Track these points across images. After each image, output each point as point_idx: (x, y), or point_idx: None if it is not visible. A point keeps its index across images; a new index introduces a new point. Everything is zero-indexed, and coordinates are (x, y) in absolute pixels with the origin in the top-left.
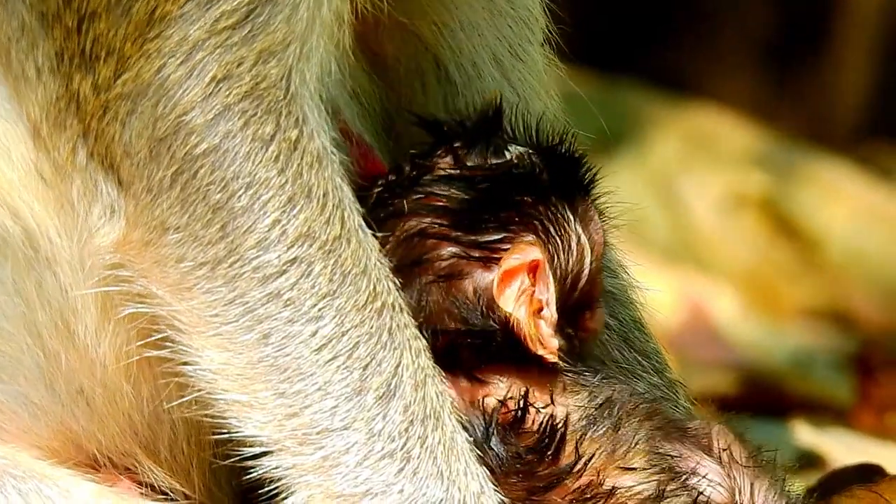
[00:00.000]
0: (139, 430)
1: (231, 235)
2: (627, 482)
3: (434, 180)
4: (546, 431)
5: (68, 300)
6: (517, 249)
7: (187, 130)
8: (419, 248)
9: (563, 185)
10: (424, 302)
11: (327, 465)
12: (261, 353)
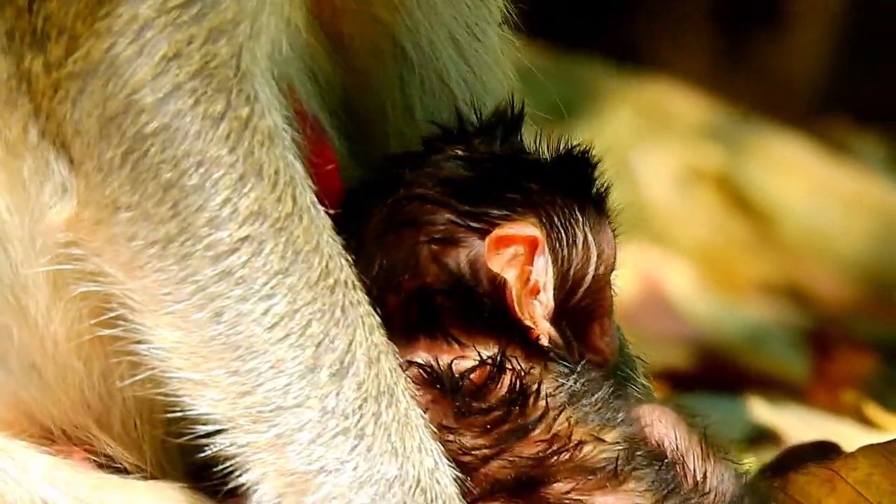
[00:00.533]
0: (92, 404)
1: (182, 214)
2: (595, 444)
3: (443, 159)
4: (516, 391)
5: (19, 277)
6: (518, 223)
7: (137, 109)
8: (416, 211)
9: (577, 187)
10: (412, 262)
11: (281, 442)
12: (213, 331)
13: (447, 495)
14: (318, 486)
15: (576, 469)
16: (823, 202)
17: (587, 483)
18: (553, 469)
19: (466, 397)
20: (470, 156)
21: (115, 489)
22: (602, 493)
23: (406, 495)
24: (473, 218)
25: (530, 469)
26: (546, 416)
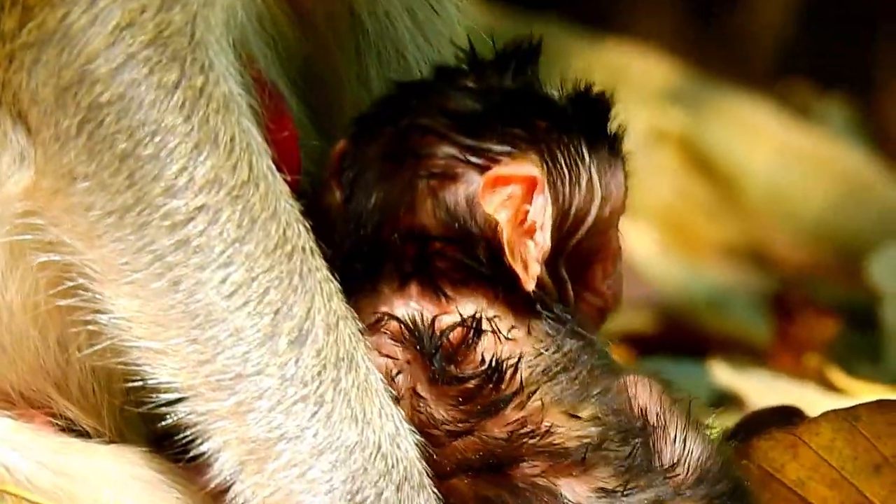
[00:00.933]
0: (49, 371)
1: (138, 183)
2: (568, 425)
3: (451, 89)
4: (493, 363)
5: None
6: (516, 161)
7: (92, 79)
8: (417, 142)
9: (588, 125)
10: (409, 196)
11: (241, 410)
12: (172, 300)
13: (409, 460)
14: (279, 454)
15: (546, 452)
16: (786, 165)
17: (556, 466)
18: (522, 450)
19: (443, 360)
20: (479, 88)
21: (77, 453)
22: (568, 477)
23: (367, 461)
24: (474, 153)
25: (499, 449)
26: (520, 394)
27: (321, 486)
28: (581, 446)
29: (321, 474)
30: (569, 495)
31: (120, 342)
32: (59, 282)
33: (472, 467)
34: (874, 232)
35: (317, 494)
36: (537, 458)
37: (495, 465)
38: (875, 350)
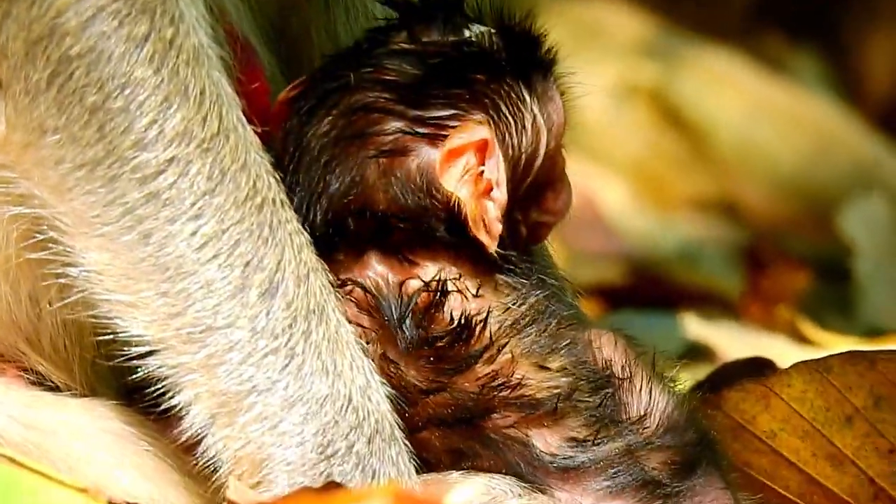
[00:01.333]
0: (21, 325)
1: (109, 136)
2: (538, 376)
3: (386, 54)
4: (462, 320)
5: None
6: (464, 128)
7: (61, 32)
8: (362, 122)
9: (520, 63)
10: (359, 179)
11: (212, 363)
12: (143, 252)
13: (380, 413)
14: (250, 406)
15: (517, 404)
16: (758, 118)
17: (527, 417)
18: (494, 403)
19: (413, 326)
20: (413, 49)
21: (48, 406)
22: (540, 428)
23: (338, 414)
24: (421, 123)
25: (471, 403)
26: (490, 348)
27: (292, 438)
28: (552, 397)
29: (292, 427)
30: (540, 445)
31: (91, 295)
32: (29, 235)
33: (444, 421)
34: (845, 184)
35: (288, 447)
36: (509, 409)
37: (467, 418)
38: (846, 302)
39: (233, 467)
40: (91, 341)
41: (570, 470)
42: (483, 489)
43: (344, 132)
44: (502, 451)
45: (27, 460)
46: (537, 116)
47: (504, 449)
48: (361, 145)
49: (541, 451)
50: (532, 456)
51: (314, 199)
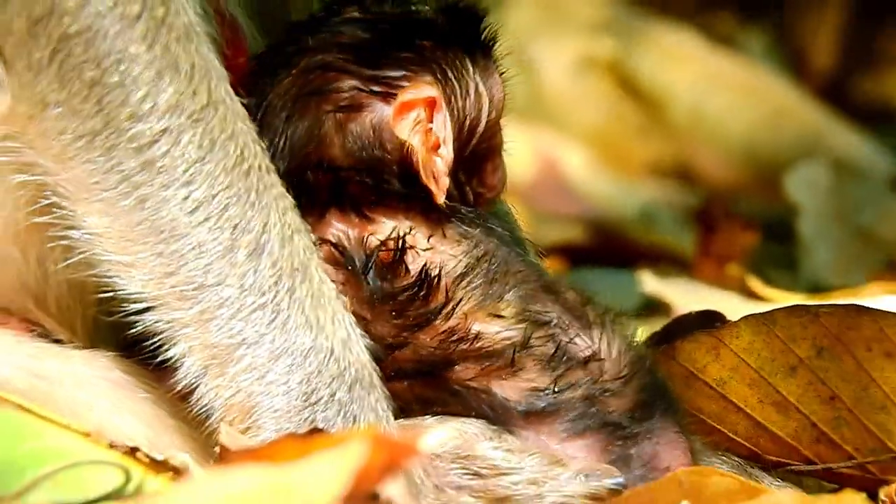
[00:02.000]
0: (29, 286)
1: (106, 109)
2: (493, 328)
3: (341, 22)
4: (421, 275)
5: None
6: (415, 86)
7: (61, 12)
8: (320, 80)
9: (464, 38)
10: (318, 133)
11: (204, 318)
12: (139, 216)
13: (360, 363)
14: (240, 358)
15: (476, 356)
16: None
17: (487, 369)
18: (454, 356)
19: (377, 278)
20: (365, 17)
21: (53, 358)
22: (500, 379)
23: (321, 365)
24: (375, 82)
25: (433, 357)
26: (447, 305)
27: (278, 387)
28: (508, 347)
29: (278, 377)
30: (503, 394)
31: (92, 256)
32: (35, 200)
33: (410, 374)
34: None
35: (274, 395)
36: (469, 362)
37: (431, 371)
38: (791, 260)
39: (224, 414)
40: (93, 299)
41: (533, 414)
42: (455, 433)
43: (303, 89)
44: (468, 400)
45: (34, 407)
46: (479, 85)
47: (470, 397)
48: (319, 101)
49: (504, 398)
50: (496, 403)
51: (276, 153)
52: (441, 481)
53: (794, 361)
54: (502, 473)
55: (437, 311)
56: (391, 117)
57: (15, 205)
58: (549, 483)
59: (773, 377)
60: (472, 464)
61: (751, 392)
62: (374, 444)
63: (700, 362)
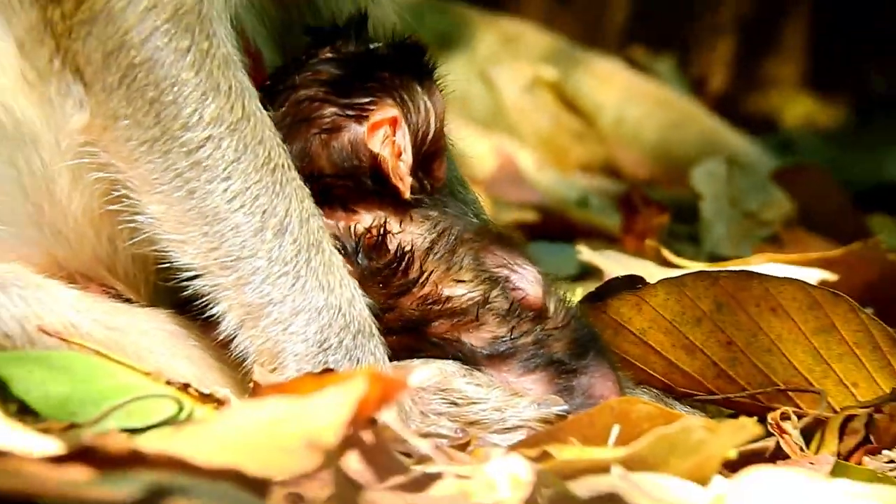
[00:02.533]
0: (102, 259)
1: (163, 121)
2: (459, 291)
3: (318, 62)
4: (398, 252)
5: (48, 171)
6: (381, 109)
7: (128, 46)
8: (307, 110)
9: (412, 67)
10: (308, 151)
11: (240, 283)
12: (189, 204)
13: (362, 318)
14: (268, 314)
15: (447, 314)
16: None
17: (457, 324)
18: (430, 316)
19: (365, 258)
20: (337, 57)
21: (122, 313)
22: (468, 331)
23: (331, 318)
24: (349, 108)
25: (413, 317)
26: (421, 277)
27: (298, 336)
28: (472, 306)
29: (298, 328)
30: (470, 342)
31: (153, 235)
32: (108, 192)
33: (397, 331)
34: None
35: (295, 343)
36: (442, 319)
37: (412, 328)
38: (695, 236)
39: (256, 358)
40: (153, 268)
41: (495, 356)
42: (436, 371)
43: (295, 118)
44: (444, 348)
45: (108, 352)
46: (427, 103)
47: (445, 346)
48: (308, 127)
49: (472, 346)
50: (466, 350)
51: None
52: (425, 409)
53: (699, 314)
54: (473, 402)
55: (413, 281)
56: (365, 134)
57: (91, 196)
58: (509, 410)
59: (683, 327)
60: (450, 395)
61: (666, 338)
62: (373, 380)
63: (626, 315)
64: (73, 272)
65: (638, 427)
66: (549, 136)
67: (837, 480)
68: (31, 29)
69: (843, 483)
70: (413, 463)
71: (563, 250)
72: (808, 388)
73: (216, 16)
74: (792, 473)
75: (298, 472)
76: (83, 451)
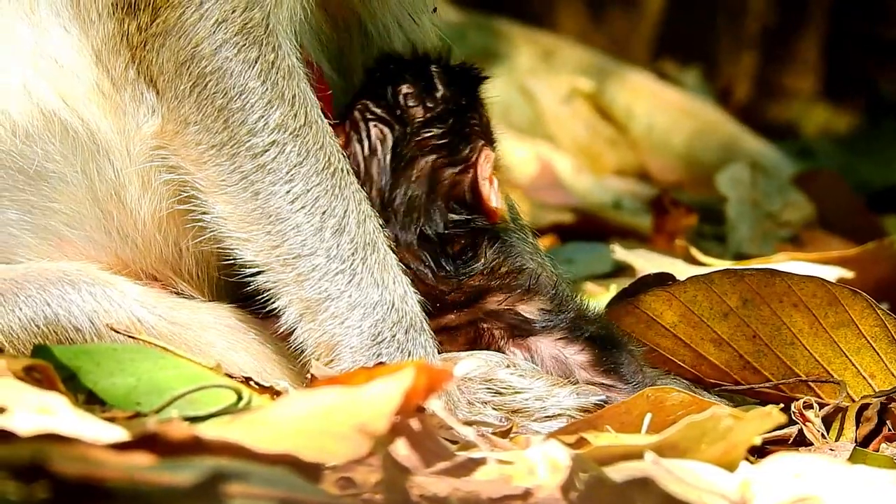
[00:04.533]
0: (168, 260)
1: (231, 127)
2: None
3: (419, 126)
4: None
5: (119, 178)
6: (483, 156)
7: (199, 56)
8: (433, 178)
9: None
10: (438, 213)
11: (300, 279)
12: (253, 205)
13: (413, 313)
14: (326, 308)
15: (505, 286)
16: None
17: (512, 296)
18: (490, 289)
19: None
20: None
21: (186, 308)
22: (521, 302)
23: (385, 313)
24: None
25: (475, 291)
26: (486, 260)
27: (354, 330)
28: (526, 279)
29: (354, 322)
30: (524, 312)
31: (219, 234)
32: (177, 193)
33: (461, 304)
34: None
35: (351, 336)
36: (501, 291)
37: (475, 300)
38: (721, 236)
39: (314, 350)
40: (218, 265)
41: (546, 327)
42: (481, 362)
43: (424, 188)
44: (502, 317)
45: (172, 346)
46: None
47: (503, 315)
48: (435, 192)
49: (525, 316)
50: (521, 318)
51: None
52: (471, 398)
53: (726, 309)
54: (517, 392)
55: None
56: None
57: (160, 202)
58: (550, 399)
59: (710, 321)
60: (494, 385)
61: (694, 332)
62: (420, 371)
63: (657, 310)
64: (139, 272)
65: (672, 414)
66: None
67: (857, 466)
68: (108, 39)
69: (861, 469)
70: (458, 449)
71: (598, 249)
72: (828, 379)
73: (281, 30)
74: (814, 459)
75: (350, 458)
76: (147, 438)
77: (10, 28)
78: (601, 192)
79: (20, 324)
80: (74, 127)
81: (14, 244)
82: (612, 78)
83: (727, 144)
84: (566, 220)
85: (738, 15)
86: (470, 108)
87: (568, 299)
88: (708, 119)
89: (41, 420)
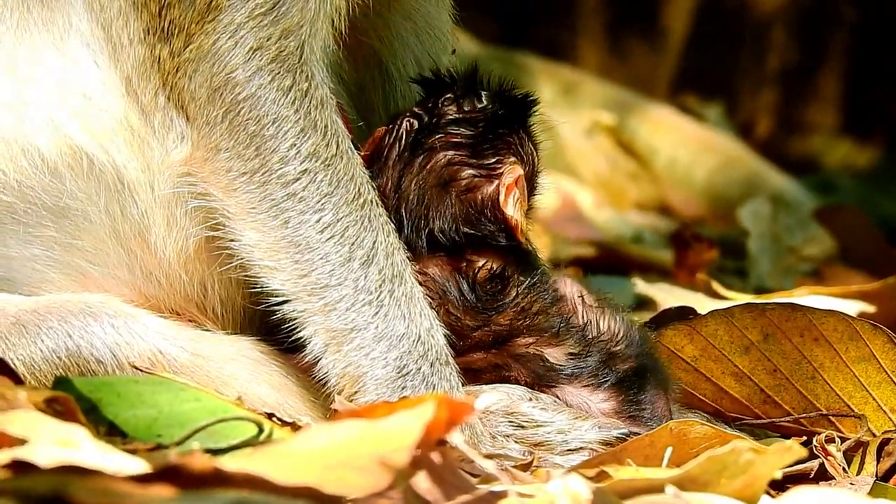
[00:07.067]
0: (192, 297)
1: (262, 154)
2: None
3: (447, 123)
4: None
5: (144, 218)
6: (510, 170)
7: (233, 83)
8: (448, 172)
9: (519, 119)
10: (443, 207)
11: (327, 309)
12: (283, 233)
13: (439, 346)
14: (352, 339)
15: (533, 330)
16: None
17: (540, 339)
18: (518, 330)
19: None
20: (464, 117)
21: (207, 340)
22: (549, 346)
23: (411, 346)
24: (483, 168)
25: (504, 332)
26: (516, 297)
27: (379, 361)
28: (556, 323)
29: (380, 354)
30: (550, 358)
31: (246, 261)
32: (204, 221)
33: (487, 345)
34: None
35: (377, 368)
36: (529, 334)
37: (500, 342)
38: (742, 270)
39: (338, 381)
40: (244, 292)
41: (573, 374)
42: (503, 395)
43: (437, 181)
44: (527, 362)
45: (194, 379)
46: (533, 151)
47: (528, 360)
48: (450, 188)
49: (552, 362)
50: (547, 365)
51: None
52: (494, 431)
53: (747, 343)
54: (539, 425)
55: (511, 301)
56: (498, 196)
57: (185, 238)
58: (573, 432)
59: (732, 355)
60: (517, 418)
61: (716, 366)
62: (441, 404)
63: (678, 344)
64: (161, 308)
65: (695, 447)
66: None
67: (877, 500)
68: (139, 65)
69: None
70: (479, 482)
71: (620, 283)
72: (849, 413)
73: (315, 60)
74: (834, 493)
75: (371, 491)
76: (168, 471)
77: (39, 59)
78: (622, 226)
79: (42, 355)
80: (101, 163)
81: (38, 279)
82: (633, 112)
83: (748, 179)
84: (587, 254)
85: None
86: (510, 128)
87: (596, 339)
88: (729, 154)
89: (62, 452)
